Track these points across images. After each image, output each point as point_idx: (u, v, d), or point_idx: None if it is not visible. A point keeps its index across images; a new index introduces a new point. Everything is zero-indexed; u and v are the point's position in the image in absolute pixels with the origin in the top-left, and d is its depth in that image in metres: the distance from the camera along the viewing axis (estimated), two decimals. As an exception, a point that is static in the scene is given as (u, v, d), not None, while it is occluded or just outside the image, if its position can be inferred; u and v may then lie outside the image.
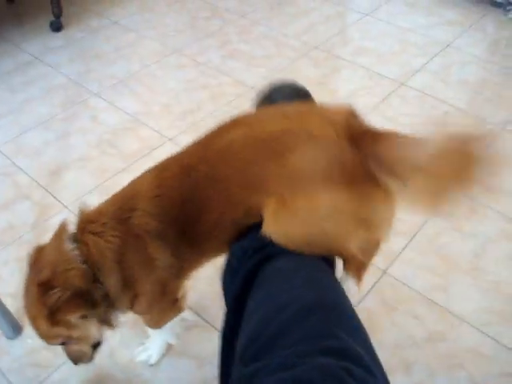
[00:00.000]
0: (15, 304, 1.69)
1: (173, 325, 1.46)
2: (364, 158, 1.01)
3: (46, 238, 1.87)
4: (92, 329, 1.22)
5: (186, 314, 1.48)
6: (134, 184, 1.24)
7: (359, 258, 1.18)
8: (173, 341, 1.57)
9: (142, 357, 1.55)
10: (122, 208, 1.18)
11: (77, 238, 1.16)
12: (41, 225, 1.96)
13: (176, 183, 1.15)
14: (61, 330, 1.15)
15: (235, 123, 1.16)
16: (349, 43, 2.96)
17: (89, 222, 1.18)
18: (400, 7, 3.27)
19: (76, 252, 1.14)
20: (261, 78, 2.66)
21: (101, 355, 1.54)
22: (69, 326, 1.14)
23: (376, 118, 2.36)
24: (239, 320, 0.96)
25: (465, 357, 1.55)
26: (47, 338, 1.19)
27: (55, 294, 1.09)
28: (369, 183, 1.01)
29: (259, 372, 0.78)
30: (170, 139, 2.30)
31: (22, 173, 2.18)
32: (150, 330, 1.51)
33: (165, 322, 1.43)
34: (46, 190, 2.09)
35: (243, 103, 2.51)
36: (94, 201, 2.00)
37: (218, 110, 2.47)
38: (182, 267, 1.25)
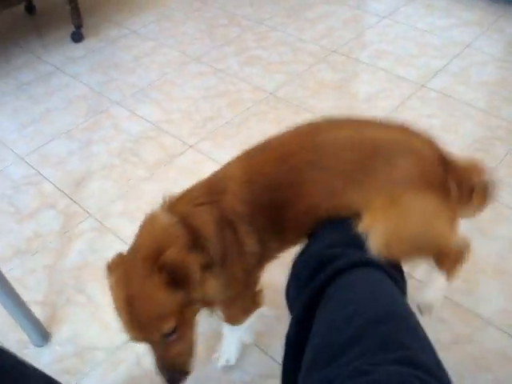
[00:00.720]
0: (43, 311, 1.73)
1: (251, 322, 1.43)
2: (447, 179, 1.15)
3: (72, 245, 1.93)
4: (209, 286, 1.11)
5: (265, 310, 1.42)
6: (221, 171, 1.25)
7: (457, 250, 1.30)
8: (250, 339, 1.53)
9: (221, 362, 1.53)
10: (211, 191, 1.18)
11: (173, 211, 1.14)
12: (66, 233, 1.99)
13: (270, 169, 1.17)
14: (181, 296, 1.05)
15: (337, 123, 1.23)
16: (367, 46, 2.96)
17: (178, 201, 1.18)
18: (418, 9, 3.26)
19: (175, 219, 1.12)
20: (279, 84, 2.68)
21: (128, 362, 1.57)
22: (188, 285, 1.05)
23: (396, 121, 2.37)
24: (307, 330, 0.96)
25: (491, 359, 1.54)
26: (162, 318, 1.04)
27: (172, 250, 1.04)
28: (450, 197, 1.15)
29: (333, 379, 0.78)
30: (190, 146, 2.32)
31: (46, 182, 2.21)
32: (226, 331, 1.49)
33: (245, 317, 1.40)
34: (71, 199, 2.12)
35: (262, 109, 2.53)
36: (118, 209, 2.04)
37: (237, 117, 2.48)
38: (264, 255, 1.25)
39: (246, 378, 1.53)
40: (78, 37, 3.12)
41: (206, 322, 1.60)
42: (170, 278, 1.02)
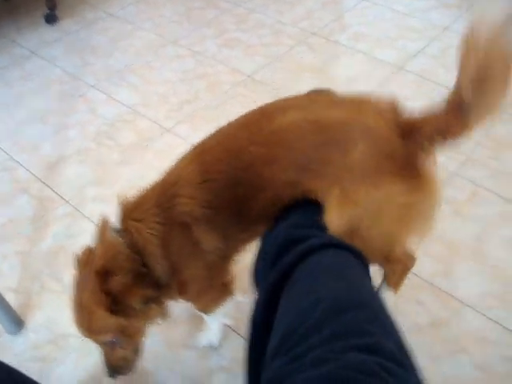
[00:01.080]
0: (16, 299, 1.70)
1: (226, 308, 1.44)
2: (413, 149, 1.08)
3: (46, 231, 1.89)
4: (151, 315, 1.20)
5: (239, 296, 1.45)
6: (174, 171, 1.22)
7: (405, 261, 1.34)
8: (228, 321, 1.55)
9: (204, 342, 1.55)
10: (164, 195, 1.16)
11: (120, 228, 1.17)
12: (40, 219, 1.95)
13: (224, 167, 1.14)
14: (119, 321, 1.12)
15: (285, 106, 1.17)
16: (346, 29, 2.93)
17: (130, 211, 1.18)
18: (397, -9, 3.24)
19: (120, 240, 1.14)
20: (258, 66, 2.65)
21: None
22: (129, 313, 1.12)
23: (375, 103, 2.36)
24: (273, 312, 0.94)
25: (468, 341, 1.54)
26: (100, 332, 1.15)
27: (118, 279, 1.09)
28: (418, 176, 1.08)
29: (292, 370, 0.77)
30: (167, 130, 2.29)
31: (20, 167, 2.17)
32: (204, 316, 1.50)
33: (216, 307, 1.41)
34: (45, 184, 2.08)
35: (240, 92, 2.50)
36: (93, 194, 2.01)
37: (215, 99, 2.45)
38: (229, 249, 1.25)
39: (223, 362, 1.52)
40: (52, 19, 3.05)
41: (179, 306, 1.59)
42: (112, 304, 1.09)
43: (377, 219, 1.11)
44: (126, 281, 1.09)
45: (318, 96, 1.26)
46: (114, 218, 1.20)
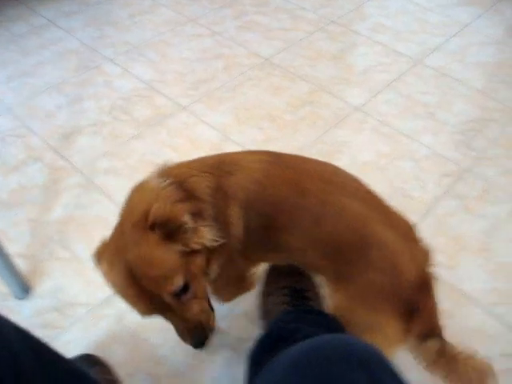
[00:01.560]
0: (25, 264, 1.71)
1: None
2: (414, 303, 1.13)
3: (57, 200, 1.90)
4: (206, 232, 1.07)
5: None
6: (239, 157, 1.21)
7: None
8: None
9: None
10: (219, 166, 1.15)
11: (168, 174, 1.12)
12: (51, 187, 1.96)
13: (284, 191, 1.15)
14: (180, 249, 1.02)
15: (353, 189, 1.24)
16: (366, 19, 2.92)
17: (180, 166, 1.17)
18: (419, -15, 3.22)
19: (169, 184, 1.09)
20: (276, 50, 2.64)
21: (109, 319, 1.57)
22: (183, 238, 1.02)
23: (391, 96, 2.37)
24: None
25: (470, 335, 1.55)
26: (171, 271, 1.01)
27: (157, 206, 1.01)
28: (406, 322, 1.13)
29: None
30: (183, 108, 2.29)
31: (33, 135, 2.17)
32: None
33: (232, 299, 1.42)
34: (58, 153, 2.09)
35: (257, 74, 2.49)
36: (105, 166, 2.02)
37: (231, 81, 2.45)
38: (254, 257, 1.27)
39: (226, 339, 1.53)
40: (73, -10, 3.05)
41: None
42: (163, 232, 1.00)
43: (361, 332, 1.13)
44: (167, 203, 1.02)
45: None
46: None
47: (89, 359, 1.41)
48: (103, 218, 1.85)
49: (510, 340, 1.55)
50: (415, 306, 1.12)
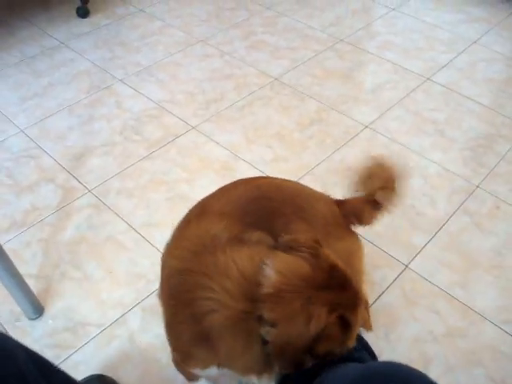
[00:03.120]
0: (37, 285, 1.72)
1: None
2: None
3: (69, 220, 1.92)
4: None
5: None
6: None
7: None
8: None
9: None
10: None
11: None
12: (63, 207, 1.98)
13: None
14: None
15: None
16: (375, 37, 2.94)
17: None
18: (427, 3, 3.25)
19: None
20: (285, 69, 2.66)
21: (121, 339, 1.58)
22: None
23: (400, 112, 2.38)
24: None
25: (483, 353, 1.54)
26: None
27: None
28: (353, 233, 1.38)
29: None
30: (193, 127, 2.31)
31: (45, 155, 2.19)
32: None
33: None
34: (70, 174, 2.11)
35: (267, 94, 2.51)
36: (117, 186, 2.04)
37: (241, 100, 2.47)
38: None
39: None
40: (83, 12, 3.09)
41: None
42: None
43: (348, 262, 1.13)
44: None
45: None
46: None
47: (100, 380, 1.42)
48: (115, 238, 1.86)
49: (524, 358, 1.54)
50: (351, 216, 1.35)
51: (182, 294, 1.04)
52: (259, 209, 1.23)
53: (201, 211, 1.23)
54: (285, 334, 0.89)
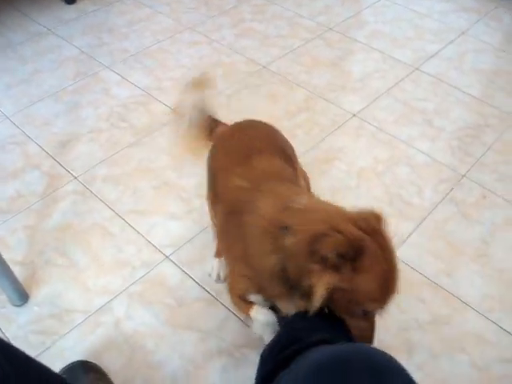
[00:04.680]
0: (22, 271, 1.71)
1: None
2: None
3: (55, 207, 1.91)
4: None
5: None
6: None
7: None
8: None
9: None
10: None
11: None
12: (49, 194, 1.96)
13: None
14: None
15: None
16: (364, 26, 2.93)
17: None
18: (416, -8, 3.24)
19: None
20: (273, 57, 2.65)
21: (106, 326, 1.57)
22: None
23: (389, 101, 2.38)
24: None
25: (467, 341, 1.55)
26: None
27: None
28: None
29: None
30: (180, 115, 2.29)
31: (31, 142, 2.17)
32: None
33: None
34: (56, 161, 2.09)
35: (255, 82, 2.50)
36: (103, 173, 2.02)
37: (229, 88, 2.46)
38: None
39: (222, 345, 1.53)
40: (71, -2, 3.06)
41: (184, 289, 1.60)
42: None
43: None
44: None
45: None
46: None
47: (84, 366, 1.41)
48: (100, 224, 1.85)
49: (507, 345, 1.55)
50: None
51: (238, 204, 1.24)
52: (278, 145, 1.50)
53: (259, 150, 1.39)
54: (301, 241, 1.03)
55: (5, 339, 1.50)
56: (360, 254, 1.00)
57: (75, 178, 2.02)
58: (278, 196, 1.18)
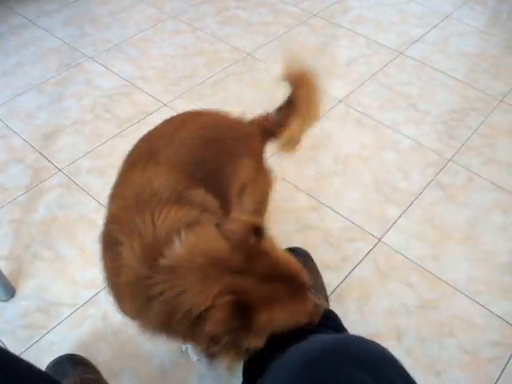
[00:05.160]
0: (8, 266, 1.70)
1: None
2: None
3: (40, 200, 1.89)
4: None
5: None
6: None
7: None
8: None
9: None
10: None
11: None
12: (34, 187, 1.95)
13: None
14: None
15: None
16: (348, 11, 2.92)
17: None
18: (400, -24, 3.23)
19: None
20: (257, 45, 2.64)
21: (94, 318, 1.57)
22: None
23: (374, 87, 2.37)
24: None
25: (455, 324, 1.56)
26: None
27: None
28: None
29: None
30: (165, 104, 2.28)
31: (15, 135, 2.15)
32: None
33: None
34: (40, 153, 2.07)
35: (239, 70, 2.49)
36: (88, 165, 2.01)
37: (213, 76, 2.44)
38: None
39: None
40: (52, -11, 3.02)
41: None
42: None
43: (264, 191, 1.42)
44: None
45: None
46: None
47: (72, 359, 1.41)
48: (86, 217, 1.84)
49: (496, 328, 1.56)
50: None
51: (108, 242, 1.05)
52: (210, 155, 1.20)
53: (149, 156, 1.17)
54: (167, 305, 0.90)
55: (-8, 334, 1.50)
56: (248, 311, 0.89)
57: (60, 170, 2.00)
58: (147, 237, 0.97)
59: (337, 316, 1.27)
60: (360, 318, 1.57)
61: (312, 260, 1.63)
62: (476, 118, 2.23)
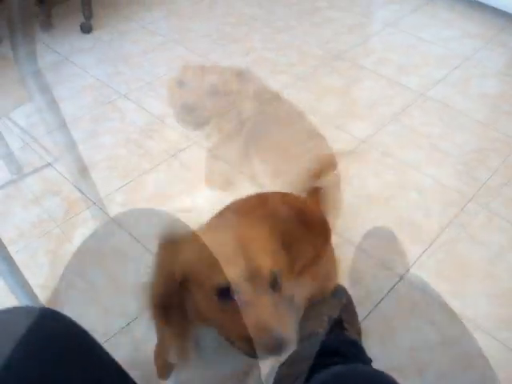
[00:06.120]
0: (44, 294, 1.76)
1: None
2: None
3: (74, 232, 1.97)
4: None
5: None
6: None
7: None
8: None
9: None
10: None
11: None
12: (69, 220, 2.03)
13: None
14: None
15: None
16: (371, 53, 3.01)
17: None
18: (422, 19, 3.32)
19: None
20: (283, 85, 2.73)
21: (126, 348, 1.61)
22: None
23: (396, 128, 2.44)
24: None
25: (475, 361, 1.59)
26: None
27: None
28: None
29: None
30: (195, 142, 2.37)
31: (51, 169, 2.25)
32: None
33: None
34: (75, 187, 2.17)
35: (265, 109, 2.56)
36: (121, 198, 2.09)
37: (242, 114, 2.53)
38: None
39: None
40: (87, 28, 3.16)
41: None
42: None
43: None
44: None
45: None
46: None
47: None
48: (118, 248, 1.91)
49: (515, 364, 1.59)
50: None
51: None
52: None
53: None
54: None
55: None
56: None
57: (94, 203, 2.09)
58: None
59: (363, 349, 1.32)
60: (382, 353, 1.61)
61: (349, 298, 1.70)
62: (496, 159, 2.29)
